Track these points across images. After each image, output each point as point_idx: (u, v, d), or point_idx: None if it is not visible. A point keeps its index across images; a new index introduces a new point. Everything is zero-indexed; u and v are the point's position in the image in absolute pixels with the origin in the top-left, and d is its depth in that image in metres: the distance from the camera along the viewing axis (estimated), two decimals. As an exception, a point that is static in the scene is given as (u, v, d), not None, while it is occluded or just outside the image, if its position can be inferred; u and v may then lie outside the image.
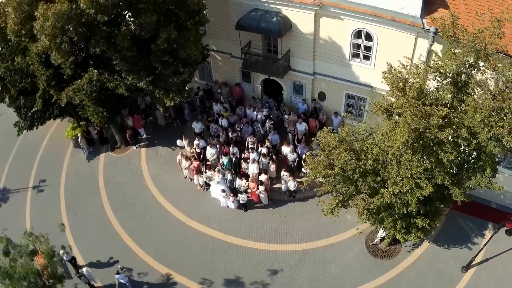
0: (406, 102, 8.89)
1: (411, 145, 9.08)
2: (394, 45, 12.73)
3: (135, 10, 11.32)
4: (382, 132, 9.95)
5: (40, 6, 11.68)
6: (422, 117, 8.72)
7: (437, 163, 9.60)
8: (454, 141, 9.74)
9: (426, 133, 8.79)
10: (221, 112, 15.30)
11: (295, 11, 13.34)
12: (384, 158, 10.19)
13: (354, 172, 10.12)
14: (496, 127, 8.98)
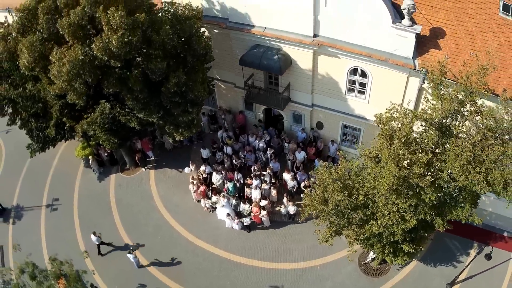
0: (392, 153, 10.33)
1: (396, 189, 10.54)
2: (387, 82, 14.12)
3: (146, 56, 12.56)
4: (371, 174, 11.37)
5: (54, 51, 13.03)
6: (405, 168, 10.18)
7: (420, 202, 11.10)
8: (435, 183, 11.23)
9: (409, 179, 10.27)
10: (225, 140, 16.67)
11: (295, 49, 14.77)
12: (373, 195, 11.67)
13: (346, 207, 11.58)
14: (474, 173, 10.47)
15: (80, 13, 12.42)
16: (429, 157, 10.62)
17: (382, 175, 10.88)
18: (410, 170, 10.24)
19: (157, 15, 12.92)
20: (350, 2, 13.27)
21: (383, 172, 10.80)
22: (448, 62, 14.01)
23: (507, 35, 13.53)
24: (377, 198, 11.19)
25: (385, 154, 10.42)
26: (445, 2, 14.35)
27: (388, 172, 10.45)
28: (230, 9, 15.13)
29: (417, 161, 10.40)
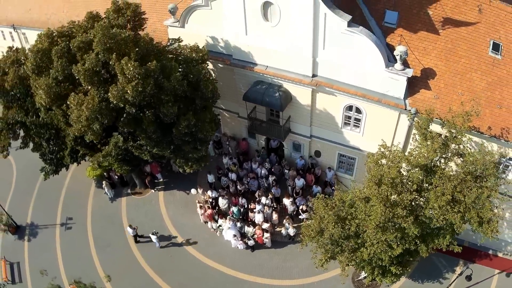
0: (380, 196, 11.84)
1: (382, 226, 12.15)
2: (380, 118, 15.51)
3: (159, 100, 13.80)
4: (361, 211, 12.94)
5: (72, 97, 14.24)
6: (390, 210, 11.72)
7: (404, 235, 12.74)
8: (418, 219, 12.84)
9: (394, 218, 11.86)
10: (230, 167, 18.15)
11: (295, 86, 16.03)
12: (364, 226, 13.29)
13: (340, 237, 13.24)
14: (452, 213, 12.08)
15: (94, 60, 13.61)
16: (412, 197, 12.27)
17: (370, 213, 12.54)
18: (394, 211, 11.86)
19: (167, 61, 14.08)
20: (346, 47, 14.53)
21: (372, 211, 12.43)
22: (437, 102, 15.54)
23: (495, 74, 14.83)
24: (367, 231, 12.86)
25: (373, 197, 12.00)
26: (437, 43, 15.61)
27: (375, 213, 12.10)
28: (234, 47, 16.30)
29: (401, 202, 12.02)
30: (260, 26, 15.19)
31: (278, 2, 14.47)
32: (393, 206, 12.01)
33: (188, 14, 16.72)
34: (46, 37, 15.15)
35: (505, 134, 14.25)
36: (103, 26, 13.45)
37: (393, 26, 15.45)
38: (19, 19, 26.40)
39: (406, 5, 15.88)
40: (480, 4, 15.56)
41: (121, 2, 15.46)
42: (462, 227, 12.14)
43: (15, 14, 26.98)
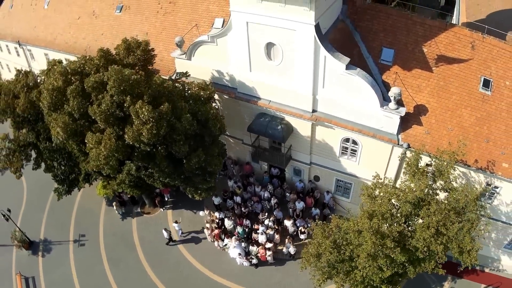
0: (371, 229, 13.43)
1: (373, 254, 13.81)
2: (375, 150, 16.86)
3: (171, 139, 15.09)
4: (355, 238, 14.57)
5: (89, 136, 15.44)
6: (380, 241, 13.32)
7: (393, 261, 14.45)
8: (405, 247, 14.48)
9: (383, 248, 13.51)
10: (235, 190, 19.69)
11: (296, 120, 17.39)
12: (357, 252, 14.97)
13: (336, 261, 14.94)
14: (435, 245, 13.73)
15: (109, 102, 14.86)
16: (401, 229, 13.89)
17: (362, 242, 14.19)
18: (383, 242, 13.50)
19: (178, 101, 15.36)
20: (344, 86, 15.79)
21: (364, 241, 14.08)
22: (428, 137, 16.95)
23: (484, 109, 16.15)
24: (359, 257, 14.54)
25: (365, 231, 13.63)
26: (430, 80, 16.87)
27: (366, 244, 13.75)
28: (239, 82, 17.51)
29: (390, 234, 13.65)
30: (264, 64, 16.39)
31: (281, 44, 15.68)
32: (382, 237, 13.65)
33: (194, 48, 17.85)
34: (60, 75, 16.26)
35: (491, 167, 15.73)
36: (117, 70, 14.60)
37: (389, 64, 16.69)
38: (24, 35, 27.22)
39: (402, 43, 17.07)
40: (473, 40, 16.79)
41: (131, 41, 16.58)
42: (443, 257, 13.84)
43: (20, 30, 27.74)
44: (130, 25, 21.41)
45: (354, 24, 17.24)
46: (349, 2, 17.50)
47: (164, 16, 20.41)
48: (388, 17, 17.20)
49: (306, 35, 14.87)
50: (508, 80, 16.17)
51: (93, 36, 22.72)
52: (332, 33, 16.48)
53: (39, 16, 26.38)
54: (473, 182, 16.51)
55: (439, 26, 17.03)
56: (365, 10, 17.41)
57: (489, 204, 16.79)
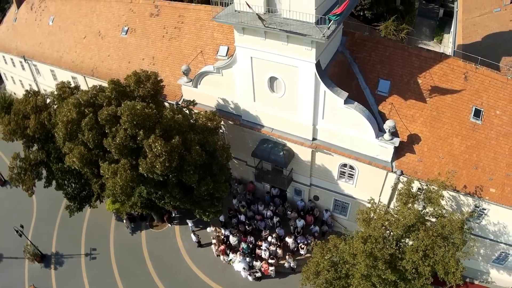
0: (364, 252, 15.12)
1: (366, 275, 15.56)
2: (370, 175, 18.39)
3: (181, 169, 16.60)
4: (351, 259, 16.29)
5: (105, 167, 16.77)
6: (372, 263, 15.03)
7: (385, 280, 16.24)
8: (396, 267, 16.23)
9: (375, 270, 15.26)
10: (240, 208, 21.32)
11: (297, 146, 18.85)
12: (353, 271, 16.75)
13: (333, 278, 16.72)
14: (423, 266, 15.48)
15: (123, 136, 16.23)
16: (392, 251, 15.62)
17: (357, 263, 15.94)
18: (376, 265, 15.24)
19: (188, 134, 16.73)
20: (342, 118, 17.17)
21: (358, 262, 15.81)
22: (420, 164, 18.47)
23: (474, 138, 17.56)
24: (354, 277, 16.32)
25: (359, 253, 15.34)
26: (424, 110, 18.26)
27: (360, 266, 15.48)
28: (243, 110, 18.88)
29: (382, 257, 15.36)
30: (267, 96, 17.74)
31: (283, 78, 17.02)
32: (375, 259, 15.37)
33: (200, 77, 19.13)
34: (74, 107, 17.56)
35: (479, 192, 17.32)
36: (130, 106, 15.92)
37: (385, 95, 18.08)
38: (29, 50, 28.22)
39: (398, 74, 18.41)
40: (467, 71, 18.12)
41: (141, 74, 17.82)
42: (430, 279, 15.62)
43: (24, 45, 28.69)
44: (136, 48, 22.56)
45: (353, 55, 18.54)
46: (348, 33, 18.78)
47: (169, 41, 21.57)
48: (386, 48, 18.50)
49: (307, 72, 16.21)
50: (499, 109, 17.59)
51: (99, 57, 23.85)
52: (332, 66, 17.81)
53: (44, 32, 27.36)
54: (462, 204, 18.18)
55: (434, 58, 18.34)
56: (364, 41, 18.69)
57: (477, 223, 18.54)
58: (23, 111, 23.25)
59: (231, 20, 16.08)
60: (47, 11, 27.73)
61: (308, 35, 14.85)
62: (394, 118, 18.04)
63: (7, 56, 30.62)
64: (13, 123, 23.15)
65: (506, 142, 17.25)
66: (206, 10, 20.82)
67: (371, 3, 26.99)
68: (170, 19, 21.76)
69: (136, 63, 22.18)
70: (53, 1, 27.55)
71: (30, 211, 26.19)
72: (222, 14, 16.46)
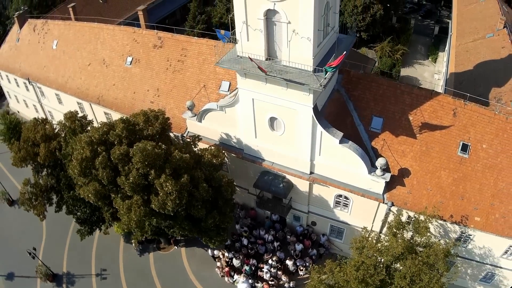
0: (356, 279, 17.27)
1: None
2: (364, 205, 20.47)
3: (190, 204, 18.66)
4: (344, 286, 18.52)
5: (120, 203, 18.80)
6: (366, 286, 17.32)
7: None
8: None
9: None
10: (242, 233, 23.43)
11: (296, 179, 20.87)
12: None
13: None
14: (411, 292, 17.77)
15: (136, 175, 18.13)
16: (382, 277, 17.85)
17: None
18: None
19: (195, 172, 18.63)
20: (338, 155, 19.12)
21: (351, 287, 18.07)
22: (409, 196, 20.52)
23: (461, 171, 19.57)
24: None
25: (352, 280, 17.56)
26: (414, 146, 20.21)
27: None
28: (245, 145, 20.79)
29: (373, 283, 17.58)
30: (268, 134, 19.66)
31: (282, 119, 18.89)
32: (367, 284, 17.61)
33: (204, 113, 20.97)
34: (87, 145, 19.37)
35: (465, 221, 19.42)
36: (141, 148, 17.76)
37: (378, 131, 20.01)
38: (33, 73, 29.78)
39: (390, 112, 20.29)
40: (456, 107, 19.99)
41: (150, 114, 19.60)
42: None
43: (28, 67, 30.21)
44: (141, 79, 24.25)
45: (348, 93, 20.41)
46: (344, 71, 20.57)
47: (173, 74, 23.27)
48: (379, 86, 20.37)
49: (305, 115, 18.11)
50: (485, 143, 19.57)
51: (104, 85, 25.53)
52: (328, 106, 19.71)
53: (48, 56, 28.87)
54: (449, 231, 20.36)
55: (425, 95, 20.24)
56: (359, 80, 20.54)
57: (464, 247, 20.75)
58: (33, 139, 25.06)
59: (234, 66, 17.87)
60: (50, 34, 29.19)
61: (306, 84, 16.68)
62: (386, 153, 20.10)
63: (10, 76, 32.11)
64: (23, 151, 25.03)
65: (491, 174, 19.35)
66: (208, 44, 22.52)
67: (367, 25, 28.53)
68: (173, 51, 23.42)
69: (141, 93, 23.94)
70: (56, 25, 29.02)
71: (40, 231, 28.21)
72: (225, 60, 18.22)
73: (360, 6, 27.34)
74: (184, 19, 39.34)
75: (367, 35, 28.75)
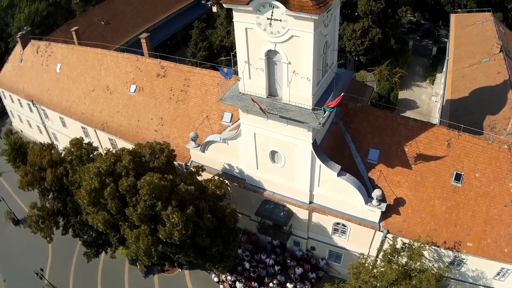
0: None
1: None
2: (360, 232, 21.90)
3: (195, 233, 20.05)
4: None
5: (128, 232, 20.15)
6: None
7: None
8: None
9: None
10: (244, 257, 24.85)
11: (296, 208, 22.29)
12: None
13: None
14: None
15: (143, 207, 19.52)
16: None
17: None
18: None
19: (200, 202, 20.03)
20: (336, 187, 20.55)
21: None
22: (404, 224, 21.95)
23: (454, 199, 20.99)
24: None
25: None
26: (409, 176, 21.63)
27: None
28: (247, 175, 22.21)
29: None
30: (269, 166, 21.09)
31: (283, 152, 20.30)
32: None
33: (207, 144, 22.37)
34: (95, 176, 20.78)
35: (457, 246, 20.87)
36: (148, 181, 19.17)
37: (375, 162, 21.43)
38: (37, 95, 31.11)
39: (387, 143, 21.70)
40: (450, 138, 21.38)
41: (155, 146, 20.96)
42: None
43: (32, 89, 31.54)
44: (145, 107, 25.61)
45: (346, 125, 21.82)
46: (342, 104, 21.94)
47: (176, 103, 24.64)
48: (376, 119, 21.77)
49: (305, 149, 19.53)
50: (478, 172, 20.95)
51: (109, 112, 26.87)
52: (327, 138, 21.14)
53: (51, 79, 30.19)
54: (443, 256, 21.80)
55: (420, 127, 21.61)
56: (356, 112, 21.94)
57: (457, 270, 22.21)
58: (39, 164, 26.40)
59: (237, 103, 19.25)
60: (53, 57, 30.50)
61: (305, 123, 18.07)
62: (382, 183, 21.53)
63: (14, 96, 33.39)
64: (30, 176, 26.41)
65: (484, 201, 20.79)
66: (211, 75, 23.90)
67: (366, 48, 29.87)
68: (176, 81, 24.78)
69: (145, 121, 25.31)
70: (59, 48, 30.32)
71: (45, 251, 29.59)
72: (228, 96, 19.61)
73: (359, 30, 28.68)
74: (185, 40, 40.70)
75: (366, 58, 30.06)
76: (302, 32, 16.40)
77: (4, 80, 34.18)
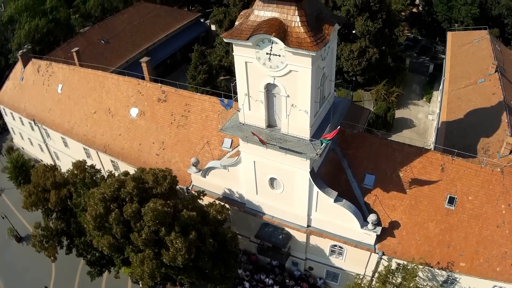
0: None
1: None
2: (356, 254, 23.28)
3: (197, 257, 21.30)
4: None
5: (133, 256, 21.46)
6: None
7: None
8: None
9: None
10: (244, 277, 26.11)
11: (294, 231, 23.59)
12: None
13: None
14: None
15: (148, 233, 20.77)
16: None
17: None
18: None
19: (202, 227, 21.28)
20: (332, 212, 21.90)
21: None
22: (399, 246, 23.27)
23: (447, 221, 22.36)
24: None
25: None
26: (403, 200, 22.97)
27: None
28: (247, 200, 23.52)
29: None
30: (268, 191, 22.42)
31: (282, 179, 21.61)
32: None
33: (208, 170, 23.65)
34: (100, 201, 22.02)
35: (450, 266, 22.23)
36: (152, 208, 20.43)
37: (371, 188, 22.76)
38: (38, 114, 32.25)
39: (382, 169, 23.04)
40: (444, 163, 22.73)
41: (158, 174, 22.20)
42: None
43: (34, 108, 32.69)
44: (146, 131, 26.84)
45: (343, 152, 23.13)
46: (339, 131, 23.18)
47: (177, 128, 25.88)
48: (372, 145, 23.10)
49: (303, 177, 20.85)
50: (471, 195, 22.31)
51: (110, 134, 28.08)
52: (324, 165, 22.46)
53: (53, 99, 31.36)
54: (436, 275, 23.15)
55: (415, 152, 22.95)
56: (353, 139, 23.27)
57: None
58: (43, 185, 27.59)
59: (237, 133, 20.52)
60: (54, 78, 31.68)
61: (303, 153, 19.33)
62: (378, 207, 22.86)
63: (15, 114, 34.52)
64: (34, 197, 27.61)
65: (477, 223, 22.13)
66: (211, 101, 25.16)
67: (363, 69, 31.13)
68: (177, 106, 26.03)
69: (147, 145, 26.55)
70: (61, 68, 31.50)
71: (49, 268, 30.79)
72: (228, 126, 20.89)
73: (356, 50, 29.89)
74: (185, 59, 41.57)
75: (363, 78, 31.28)
76: (300, 67, 17.67)
77: (5, 98, 35.34)
